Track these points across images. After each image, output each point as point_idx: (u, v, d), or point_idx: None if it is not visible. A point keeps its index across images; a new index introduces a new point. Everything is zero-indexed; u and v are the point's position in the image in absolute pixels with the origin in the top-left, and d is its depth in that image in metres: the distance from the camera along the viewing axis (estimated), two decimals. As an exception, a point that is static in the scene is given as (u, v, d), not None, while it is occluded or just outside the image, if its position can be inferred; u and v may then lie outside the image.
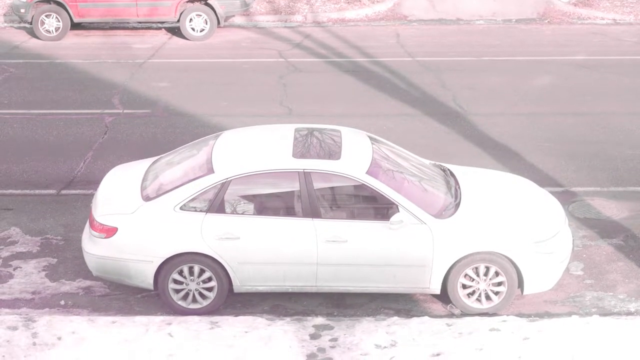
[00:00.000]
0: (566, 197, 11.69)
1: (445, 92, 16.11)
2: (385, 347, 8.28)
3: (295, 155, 9.16)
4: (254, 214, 9.03)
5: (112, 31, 20.90)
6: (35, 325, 8.56)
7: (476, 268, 9.04)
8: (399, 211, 8.89)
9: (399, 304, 9.47)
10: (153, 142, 13.70)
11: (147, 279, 9.09)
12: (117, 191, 9.47)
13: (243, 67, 17.92)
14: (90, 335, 8.39)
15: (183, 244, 8.93)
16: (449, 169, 10.13)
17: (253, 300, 9.51)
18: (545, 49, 19.22)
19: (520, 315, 9.08)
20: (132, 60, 18.35)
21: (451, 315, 9.22)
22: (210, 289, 9.16)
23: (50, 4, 19.75)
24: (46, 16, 19.75)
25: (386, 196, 8.93)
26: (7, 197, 11.93)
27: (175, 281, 9.11)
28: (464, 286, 9.12)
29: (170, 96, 15.95)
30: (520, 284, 9.12)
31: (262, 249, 8.94)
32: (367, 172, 9.03)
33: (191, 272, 9.08)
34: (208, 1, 19.92)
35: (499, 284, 9.09)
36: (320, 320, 8.80)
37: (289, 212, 9.05)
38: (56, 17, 19.77)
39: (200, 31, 20.02)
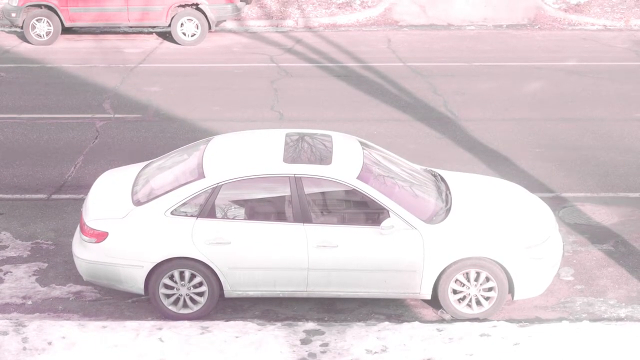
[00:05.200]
0: (556, 203, 11.72)
1: (436, 98, 16.13)
2: (376, 352, 8.28)
3: (286, 160, 9.16)
4: (244, 219, 9.03)
5: (103, 36, 20.88)
6: (25, 330, 8.54)
7: (467, 273, 9.05)
8: (389, 216, 8.90)
9: (390, 309, 9.47)
10: (144, 146, 13.68)
11: (137, 284, 9.07)
12: (108, 196, 9.45)
13: (234, 71, 17.92)
14: (80, 340, 8.37)
15: (174, 249, 8.92)
16: (439, 175, 10.14)
17: (244, 305, 9.50)
18: (536, 54, 19.27)
19: (510, 320, 9.09)
20: (123, 64, 18.33)
21: (442, 320, 9.23)
22: (201, 294, 9.15)
23: (41, 8, 19.73)
24: (37, 20, 19.72)
25: (377, 201, 8.94)
26: (-3, 202, 11.92)
27: (166, 286, 9.09)
28: (455, 291, 9.13)
29: (161, 101, 15.93)
30: (511, 290, 9.13)
31: (253, 254, 8.94)
32: (358, 177, 9.03)
33: (182, 277, 9.07)
34: (199, 6, 19.92)
35: (490, 289, 9.10)
36: (311, 325, 8.80)
37: (280, 217, 9.04)
38: (47, 22, 19.74)
39: (192, 36, 20.01)
